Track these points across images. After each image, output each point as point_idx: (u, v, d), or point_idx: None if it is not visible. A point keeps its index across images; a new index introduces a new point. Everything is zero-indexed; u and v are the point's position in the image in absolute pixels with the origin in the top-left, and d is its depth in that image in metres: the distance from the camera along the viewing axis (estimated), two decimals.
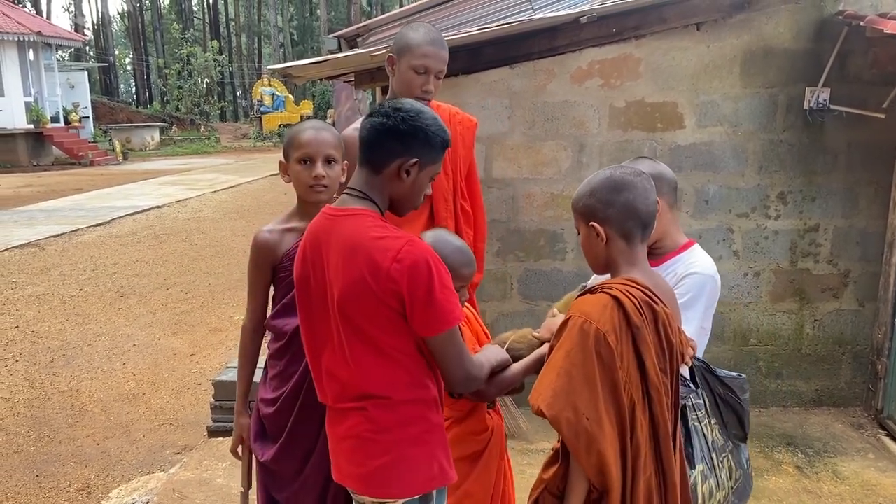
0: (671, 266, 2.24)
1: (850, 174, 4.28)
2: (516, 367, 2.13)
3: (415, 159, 1.81)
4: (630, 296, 1.75)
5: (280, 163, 2.43)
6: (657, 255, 2.28)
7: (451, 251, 2.14)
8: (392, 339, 1.82)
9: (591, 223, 1.87)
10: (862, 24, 3.82)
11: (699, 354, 2.22)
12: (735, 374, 2.20)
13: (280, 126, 30.06)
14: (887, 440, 4.12)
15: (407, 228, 2.85)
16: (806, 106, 4.16)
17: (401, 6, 33.16)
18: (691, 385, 2.10)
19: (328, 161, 2.37)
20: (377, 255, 1.74)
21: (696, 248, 2.29)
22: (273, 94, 31.57)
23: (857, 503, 3.54)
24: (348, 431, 1.91)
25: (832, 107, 4.12)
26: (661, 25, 4.10)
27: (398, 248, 1.74)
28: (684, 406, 2.04)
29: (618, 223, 1.85)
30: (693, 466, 1.99)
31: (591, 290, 1.85)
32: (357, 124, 2.87)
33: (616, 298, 1.75)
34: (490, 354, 2.07)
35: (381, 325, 1.80)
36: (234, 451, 2.60)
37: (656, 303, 1.78)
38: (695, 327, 2.11)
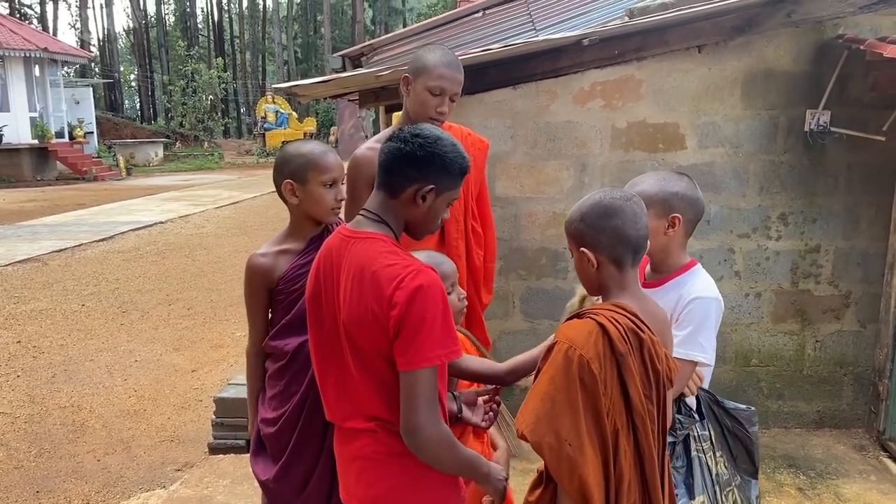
0: (672, 288, 2.23)
1: (850, 196, 4.30)
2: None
3: (431, 186, 1.81)
4: (616, 322, 1.76)
5: (288, 183, 2.36)
6: (659, 275, 2.28)
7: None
8: (390, 370, 1.79)
9: (582, 248, 1.88)
10: (862, 47, 3.85)
11: (707, 377, 2.22)
12: (744, 406, 2.17)
13: (283, 143, 30.17)
14: (889, 462, 4.10)
15: (418, 248, 2.90)
16: (806, 128, 4.19)
17: (404, 25, 33.43)
18: (696, 416, 2.10)
19: (342, 183, 2.42)
20: (384, 282, 1.74)
21: (699, 269, 2.27)
22: (277, 112, 31.76)
23: None
24: (358, 452, 1.90)
25: (832, 129, 4.15)
26: (662, 48, 4.14)
27: (404, 275, 1.73)
28: (687, 436, 2.04)
29: (607, 249, 1.85)
30: (693, 497, 1.99)
31: (579, 315, 1.85)
32: (370, 144, 2.89)
33: (602, 325, 1.75)
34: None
35: (382, 352, 1.78)
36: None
37: (642, 330, 1.78)
38: (711, 353, 2.11)
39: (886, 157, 4.15)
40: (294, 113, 32.68)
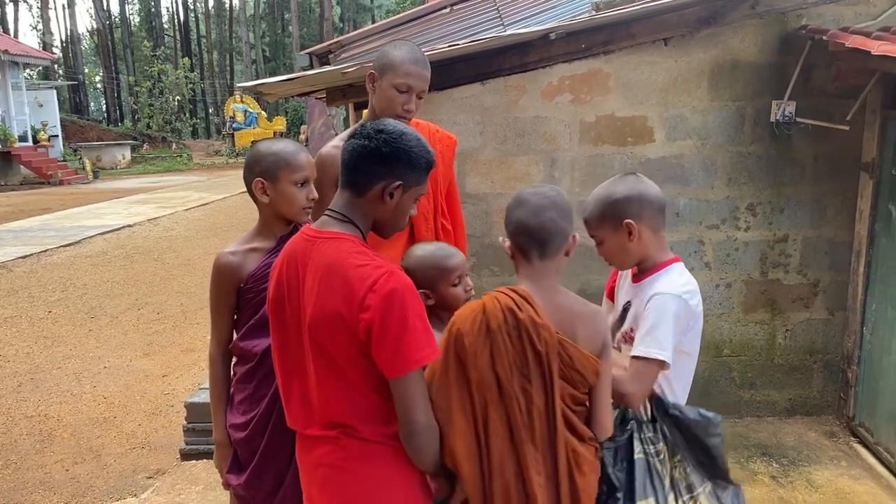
0: (645, 286, 2.19)
1: (816, 185, 4.35)
2: None
3: (398, 182, 1.78)
4: (496, 301, 1.84)
5: (259, 181, 2.33)
6: (640, 275, 2.25)
7: (431, 251, 2.32)
8: (358, 371, 1.75)
9: (502, 238, 2.01)
10: (824, 38, 3.89)
11: (682, 378, 2.18)
12: (710, 414, 2.10)
13: (253, 142, 29.89)
14: (859, 447, 4.16)
15: (388, 248, 2.86)
16: (772, 119, 4.23)
17: (373, 22, 33.28)
18: (644, 417, 2.08)
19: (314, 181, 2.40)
20: (354, 283, 1.69)
21: (673, 267, 2.19)
22: (245, 111, 31.43)
23: None
24: (320, 460, 1.86)
25: (798, 119, 4.19)
26: (629, 41, 4.15)
27: (377, 277, 1.68)
28: (631, 436, 2.03)
29: (513, 238, 1.97)
30: (633, 500, 1.97)
31: None
32: (335, 142, 2.85)
33: (483, 304, 1.86)
34: None
35: (349, 355, 1.74)
36: (226, 485, 2.48)
37: (521, 310, 1.81)
38: (669, 350, 2.04)
39: (850, 147, 4.20)
40: (263, 112, 32.36)
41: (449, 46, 4.13)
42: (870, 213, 4.12)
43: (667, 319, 2.06)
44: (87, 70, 46.45)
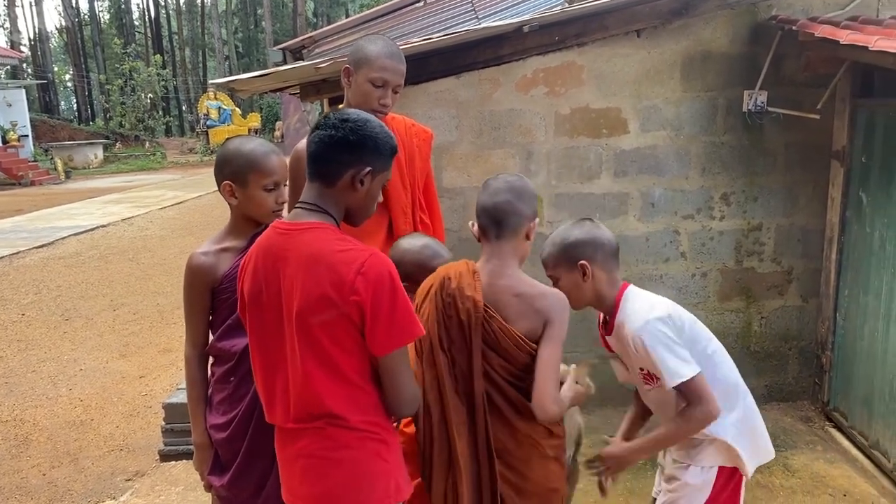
0: (619, 329, 2.25)
1: (789, 174, 4.40)
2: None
3: (368, 168, 1.80)
4: (445, 270, 2.09)
5: (227, 184, 2.30)
6: (606, 323, 2.32)
7: (419, 247, 2.40)
8: (349, 357, 1.78)
9: (471, 222, 2.17)
10: (794, 28, 3.93)
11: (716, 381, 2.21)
12: None
13: (225, 141, 29.62)
14: (834, 432, 4.23)
15: (367, 241, 2.84)
16: (744, 108, 4.27)
17: (347, 17, 33.09)
18: None
19: (285, 185, 2.37)
20: (341, 268, 1.72)
21: (625, 296, 2.26)
22: (220, 108, 31.14)
23: (807, 495, 3.63)
24: (301, 451, 1.87)
25: (769, 109, 4.23)
26: (602, 33, 4.16)
27: (362, 260, 1.72)
28: None
29: (477, 221, 2.13)
30: None
31: None
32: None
33: (438, 272, 2.12)
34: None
35: (341, 340, 1.77)
36: (208, 487, 2.45)
37: (453, 281, 2.03)
38: (690, 363, 2.10)
39: (821, 135, 4.25)
40: (237, 109, 32.08)
41: (423, 40, 4.12)
42: (841, 201, 4.17)
43: (659, 345, 2.12)
44: (56, 69, 45.72)
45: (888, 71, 3.44)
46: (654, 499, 2.56)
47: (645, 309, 2.18)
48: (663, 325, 2.14)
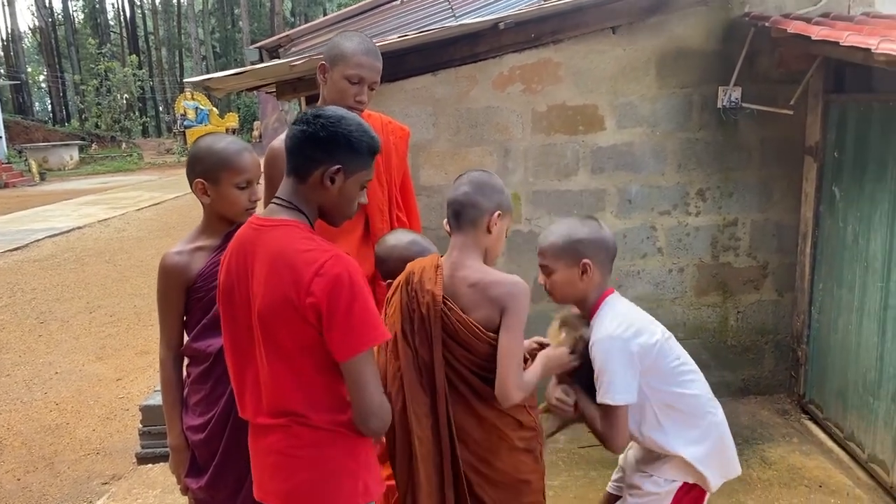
0: (593, 331, 2.24)
1: (763, 169, 4.44)
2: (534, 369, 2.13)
3: (337, 166, 1.77)
4: (413, 265, 2.14)
5: (199, 182, 2.28)
6: (584, 315, 2.32)
7: (406, 243, 2.43)
8: (310, 357, 1.76)
9: (445, 220, 2.21)
10: (767, 24, 3.97)
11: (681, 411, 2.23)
12: None
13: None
14: (810, 424, 4.27)
15: (343, 240, 2.85)
16: (719, 105, 4.30)
17: (325, 15, 32.90)
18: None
19: (258, 183, 2.35)
20: (301, 268, 1.70)
21: (606, 303, 2.26)
22: (197, 108, 30.83)
23: (784, 487, 3.66)
24: (271, 447, 1.86)
25: (744, 105, 4.26)
26: (577, 30, 4.17)
27: (323, 261, 1.69)
28: None
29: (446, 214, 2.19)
30: None
31: None
32: (285, 136, 2.81)
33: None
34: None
35: (300, 340, 1.75)
36: (185, 490, 2.42)
37: (414, 274, 2.10)
38: (614, 391, 2.11)
39: (795, 131, 4.30)
40: (215, 109, 31.78)
41: (399, 38, 4.10)
42: (815, 196, 4.21)
43: (611, 362, 2.13)
44: (29, 69, 45.14)
45: (859, 66, 3.48)
46: (610, 494, 2.57)
47: (616, 324, 2.18)
48: (624, 345, 2.14)
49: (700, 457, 2.24)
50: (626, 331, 2.16)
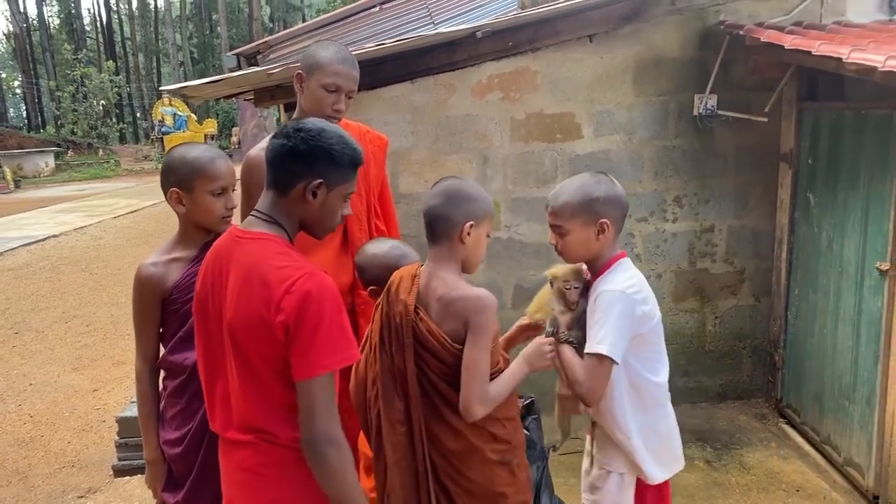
0: (595, 287, 2.23)
1: (739, 176, 4.49)
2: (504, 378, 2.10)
3: (319, 180, 1.75)
4: (395, 274, 2.16)
5: (174, 192, 2.27)
6: (592, 276, 2.30)
7: (385, 250, 2.43)
8: (277, 375, 1.73)
9: None
10: (741, 33, 4.01)
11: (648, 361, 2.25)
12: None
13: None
14: (787, 428, 4.31)
15: (321, 251, 2.84)
16: (695, 112, 4.34)
17: (304, 22, 32.80)
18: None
19: (234, 190, 2.34)
20: (273, 284, 1.68)
21: (620, 264, 2.24)
22: (175, 114, 30.57)
23: (762, 492, 3.69)
24: (240, 464, 1.84)
25: (719, 112, 4.31)
26: (554, 38, 4.19)
27: (295, 278, 1.67)
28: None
29: None
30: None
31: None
32: (263, 144, 2.79)
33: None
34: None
35: (269, 358, 1.72)
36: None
37: (391, 285, 2.11)
38: (608, 343, 2.09)
39: (769, 138, 4.35)
40: (193, 115, 31.52)
41: (377, 46, 4.10)
42: (790, 202, 4.26)
43: (612, 316, 2.11)
44: (3, 75, 44.59)
45: (832, 75, 3.53)
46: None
47: (629, 283, 2.17)
48: (631, 304, 2.13)
49: (645, 445, 2.24)
50: (637, 293, 2.16)
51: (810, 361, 4.12)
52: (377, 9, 8.50)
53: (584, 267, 2.33)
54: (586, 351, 2.14)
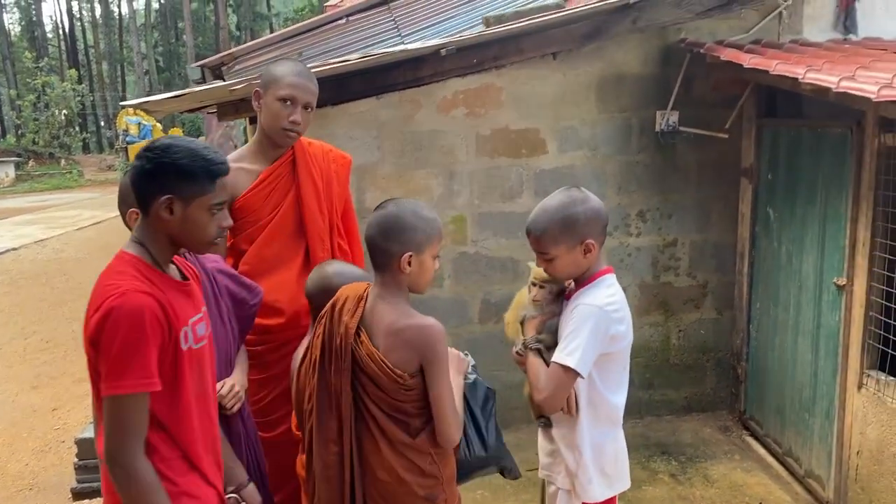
0: (573, 299, 2.24)
1: (700, 191, 4.55)
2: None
3: (168, 196, 1.76)
4: (341, 291, 2.12)
5: (133, 212, 2.22)
6: (577, 284, 2.29)
7: (329, 275, 2.39)
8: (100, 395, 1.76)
9: None
10: (702, 51, 4.08)
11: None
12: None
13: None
14: (751, 440, 4.37)
15: (283, 269, 2.83)
16: (657, 128, 4.40)
17: (271, 31, 32.64)
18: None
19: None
20: (92, 301, 1.75)
21: (603, 279, 2.22)
22: (139, 123, 30.05)
23: None
24: (105, 487, 1.87)
25: (681, 128, 4.37)
26: (519, 55, 4.22)
27: (106, 297, 1.70)
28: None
29: None
30: None
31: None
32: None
33: None
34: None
35: (94, 376, 1.77)
36: None
37: (336, 303, 2.08)
38: (577, 358, 2.09)
39: (730, 154, 4.42)
40: (158, 124, 31.11)
41: (341, 61, 4.09)
42: (750, 217, 4.33)
43: (585, 329, 2.11)
44: None
45: (790, 92, 3.60)
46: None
47: (609, 300, 2.16)
48: (606, 321, 2.13)
49: (594, 461, 2.25)
50: (615, 312, 2.15)
51: (772, 374, 4.18)
52: (344, 21, 8.48)
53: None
54: (553, 359, 2.14)
